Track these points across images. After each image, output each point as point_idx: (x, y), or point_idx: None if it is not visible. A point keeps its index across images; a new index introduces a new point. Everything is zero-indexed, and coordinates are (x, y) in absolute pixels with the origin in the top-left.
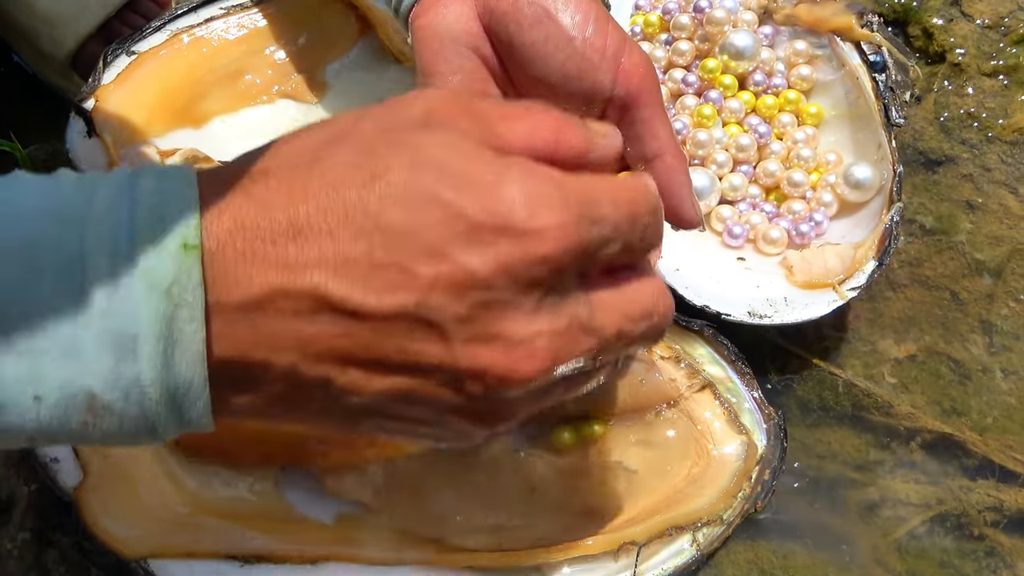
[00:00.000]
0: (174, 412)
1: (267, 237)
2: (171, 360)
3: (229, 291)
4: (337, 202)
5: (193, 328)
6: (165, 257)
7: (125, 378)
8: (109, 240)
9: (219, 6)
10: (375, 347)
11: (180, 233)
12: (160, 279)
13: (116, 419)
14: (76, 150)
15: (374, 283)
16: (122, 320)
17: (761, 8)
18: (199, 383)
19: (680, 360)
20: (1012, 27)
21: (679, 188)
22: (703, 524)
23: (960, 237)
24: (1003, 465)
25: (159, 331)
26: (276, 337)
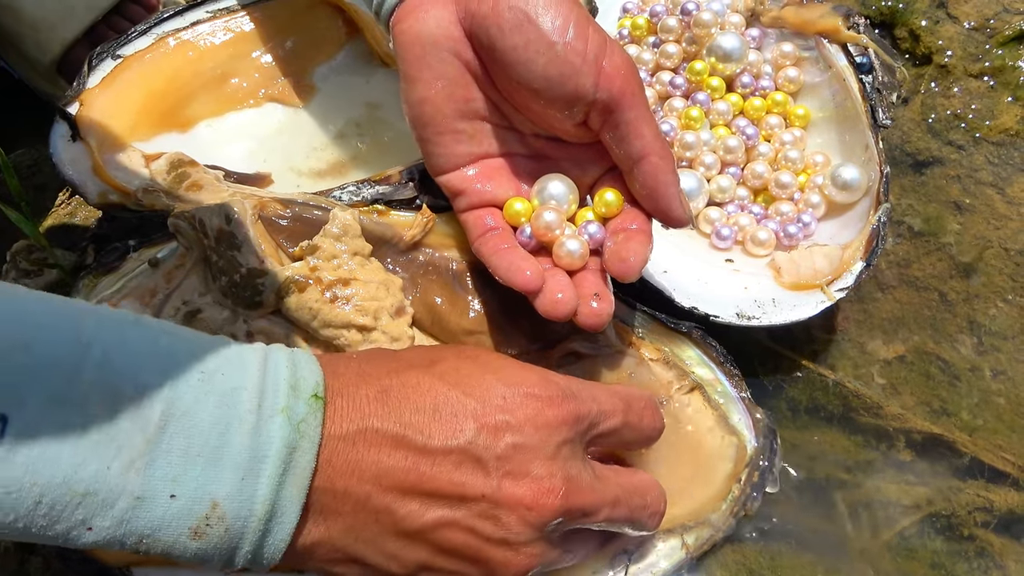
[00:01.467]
0: (263, 535)
1: (364, 397)
2: (284, 483)
3: (336, 427)
4: (410, 376)
5: (308, 458)
6: (301, 402)
7: (245, 492)
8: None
9: (205, 10)
10: (432, 480)
11: (312, 386)
12: (295, 416)
13: (221, 532)
14: (60, 154)
15: (438, 430)
16: (260, 442)
17: (748, 11)
18: (295, 508)
19: (669, 362)
20: (998, 28)
21: (666, 188)
22: (693, 527)
23: (948, 238)
24: (992, 465)
25: (284, 456)
26: (361, 467)
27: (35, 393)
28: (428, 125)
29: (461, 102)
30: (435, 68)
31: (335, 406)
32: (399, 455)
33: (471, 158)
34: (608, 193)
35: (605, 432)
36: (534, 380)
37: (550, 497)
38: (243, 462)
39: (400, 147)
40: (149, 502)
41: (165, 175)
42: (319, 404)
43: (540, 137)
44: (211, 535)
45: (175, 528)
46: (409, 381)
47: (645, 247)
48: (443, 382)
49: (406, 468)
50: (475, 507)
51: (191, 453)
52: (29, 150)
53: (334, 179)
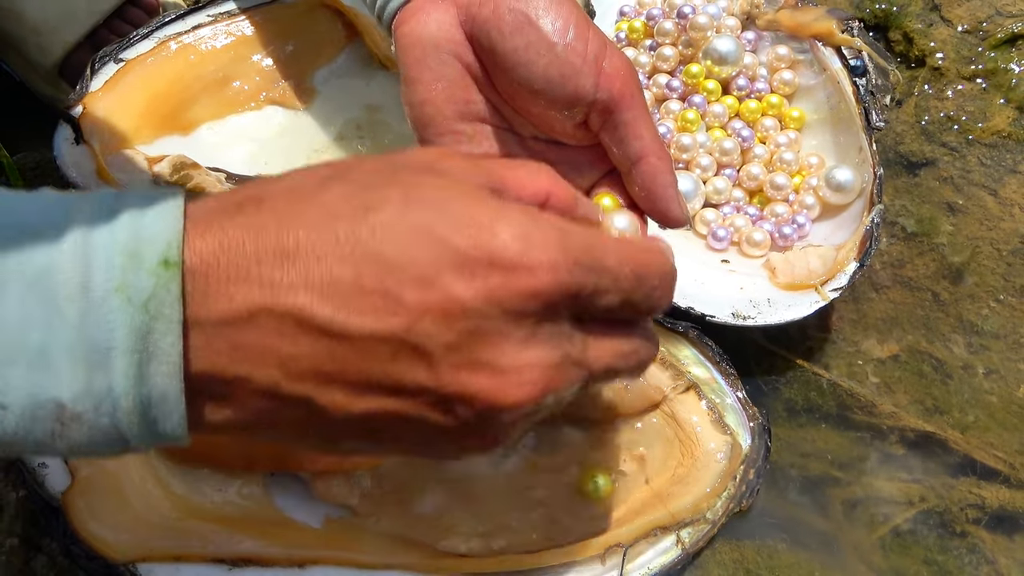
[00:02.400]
0: (147, 424)
1: (253, 258)
2: (145, 372)
3: (209, 307)
4: (328, 230)
5: (169, 341)
6: (143, 273)
7: (96, 389)
8: (83, 255)
9: (206, 13)
10: (359, 369)
11: (160, 251)
12: (137, 294)
13: (85, 430)
14: (64, 157)
15: (360, 306)
16: (95, 332)
17: (744, 14)
18: (174, 396)
19: (665, 362)
20: (990, 31)
21: (664, 188)
22: (688, 523)
23: (941, 239)
24: (984, 463)
25: (133, 344)
26: (257, 354)
27: None
28: (429, 126)
29: (461, 104)
30: (436, 70)
31: (205, 279)
32: (308, 340)
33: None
34: (605, 198)
35: (598, 307)
36: (509, 235)
37: (520, 390)
38: (80, 358)
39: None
40: None
41: (168, 177)
42: (172, 272)
43: (539, 140)
44: (73, 434)
45: (26, 435)
46: (325, 236)
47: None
48: (376, 238)
49: (319, 354)
50: (418, 399)
51: (3, 359)
52: (32, 152)
53: None
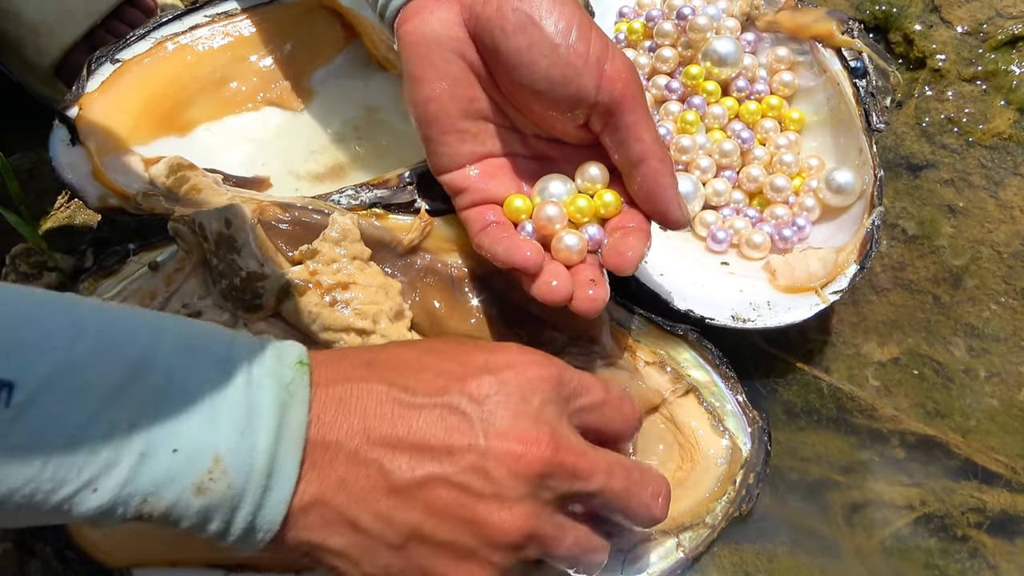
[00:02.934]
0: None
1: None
2: (281, 436)
3: (324, 389)
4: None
5: (300, 415)
6: (287, 367)
7: (245, 445)
8: (248, 355)
9: (204, 14)
10: (419, 432)
11: (296, 356)
12: (282, 379)
13: (223, 487)
14: (59, 158)
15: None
16: (253, 401)
17: (743, 15)
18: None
19: (664, 365)
20: (991, 33)
21: (664, 190)
22: (688, 528)
23: (942, 241)
24: (985, 466)
25: (277, 411)
26: (349, 423)
27: (38, 362)
28: (432, 124)
29: (465, 102)
30: (439, 68)
31: (320, 372)
32: (385, 410)
33: (474, 157)
34: (607, 194)
35: (587, 406)
36: (514, 347)
37: (537, 447)
38: (239, 418)
39: (398, 150)
40: (152, 458)
41: (164, 179)
42: (304, 369)
43: (541, 138)
44: (214, 490)
45: (178, 484)
46: (392, 352)
47: (643, 243)
48: (426, 353)
49: (393, 421)
50: (463, 460)
51: (190, 411)
52: (28, 153)
53: (333, 182)
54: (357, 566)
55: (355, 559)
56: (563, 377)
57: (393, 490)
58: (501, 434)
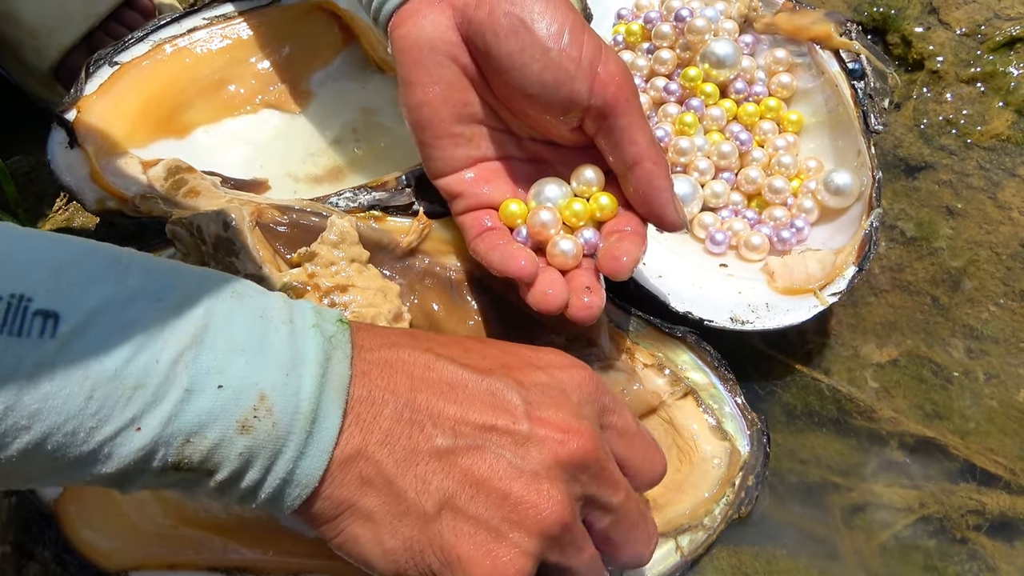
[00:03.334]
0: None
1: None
2: (325, 384)
3: (368, 347)
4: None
5: (344, 367)
6: (328, 323)
7: (290, 387)
8: (288, 310)
9: (202, 16)
10: (468, 401)
11: (336, 315)
12: (326, 331)
13: (268, 426)
14: (57, 161)
15: (471, 362)
16: (297, 348)
17: (742, 17)
18: (337, 410)
19: (663, 367)
20: (988, 35)
21: (659, 193)
22: (686, 530)
23: (940, 243)
24: (984, 468)
25: (321, 362)
26: (395, 382)
27: (84, 295)
28: (426, 129)
29: (459, 106)
30: (433, 72)
31: (362, 335)
32: (432, 376)
33: (469, 162)
34: (603, 197)
35: (618, 427)
36: (556, 351)
37: (579, 438)
38: (285, 360)
39: (396, 152)
40: (197, 394)
41: (163, 181)
42: (345, 327)
43: (536, 141)
44: (259, 428)
45: (223, 421)
46: (433, 337)
47: (638, 247)
48: (469, 340)
49: (440, 389)
50: (507, 439)
51: (235, 348)
52: (26, 156)
53: (331, 184)
54: (379, 536)
55: (382, 525)
56: (601, 387)
57: (435, 454)
58: (545, 421)
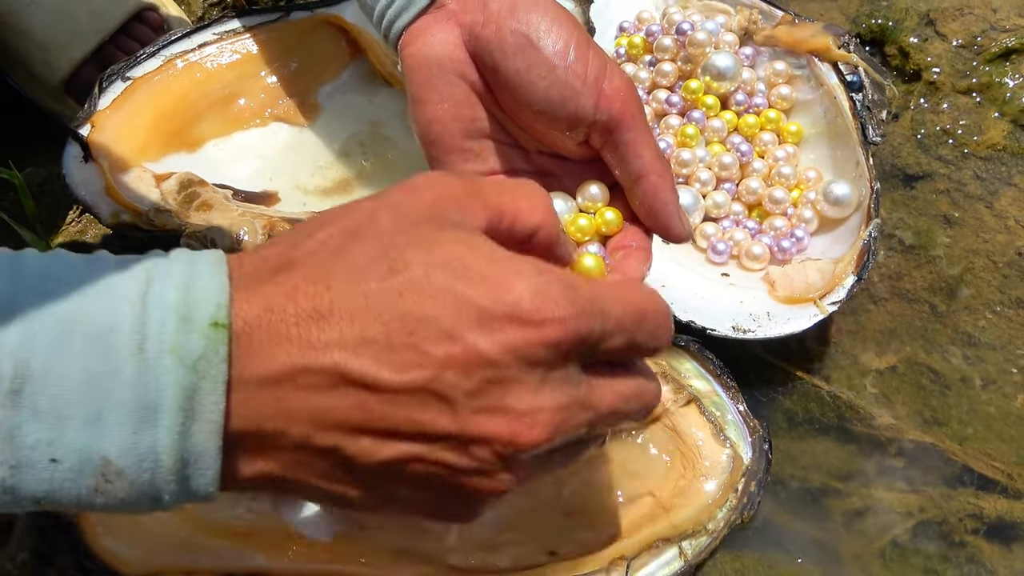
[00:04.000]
0: (182, 481)
1: (291, 320)
2: (188, 431)
3: (253, 367)
4: (359, 292)
5: (213, 400)
6: (195, 335)
7: (142, 446)
8: (140, 316)
9: (212, 31)
10: (387, 417)
11: (210, 314)
12: (188, 354)
13: (125, 486)
14: (73, 175)
15: (390, 361)
16: (147, 391)
17: (742, 30)
18: (212, 454)
19: (666, 375)
20: (984, 46)
21: (664, 205)
22: (690, 535)
23: (938, 251)
24: (982, 473)
25: (181, 403)
26: (292, 409)
27: None
28: (436, 144)
29: (467, 121)
30: (442, 89)
31: (249, 340)
32: (340, 394)
33: (478, 175)
34: (608, 212)
35: (604, 351)
36: (524, 293)
37: (533, 431)
38: (130, 415)
39: (403, 165)
40: (29, 469)
41: (175, 195)
42: (220, 334)
43: (543, 154)
44: (114, 490)
45: (71, 489)
46: (356, 298)
47: (643, 264)
48: (403, 298)
49: (349, 406)
50: (440, 443)
51: (63, 414)
52: (38, 169)
53: (340, 196)
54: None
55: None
56: (580, 333)
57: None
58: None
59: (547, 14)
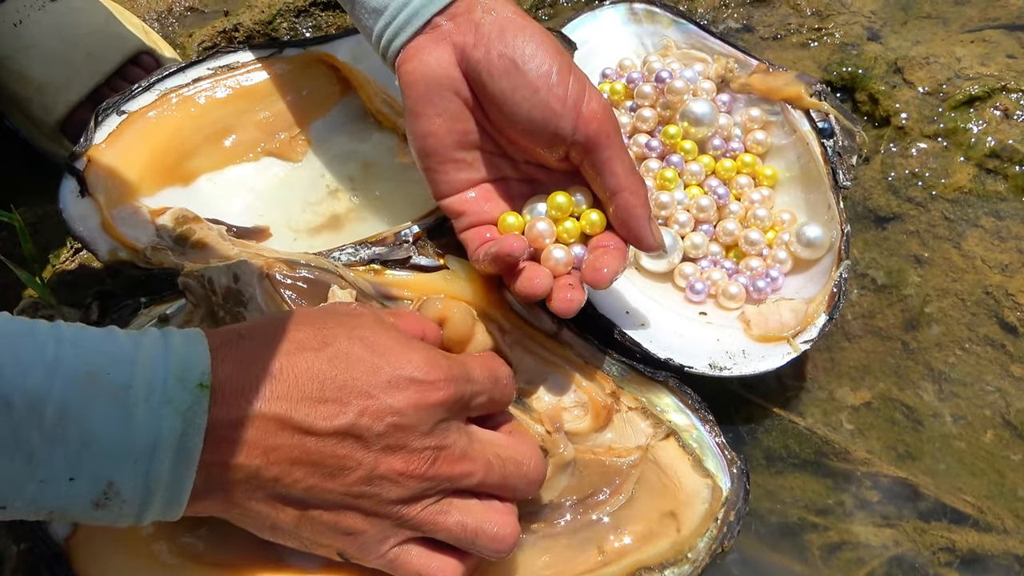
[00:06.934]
0: (161, 504)
1: (252, 380)
2: (176, 467)
3: (224, 414)
4: (300, 360)
5: (196, 442)
6: (187, 392)
7: (140, 475)
8: (150, 379)
9: (207, 66)
10: (318, 453)
11: (198, 377)
12: (181, 405)
13: (118, 504)
14: (69, 210)
15: (323, 412)
16: (149, 434)
17: (719, 77)
18: (188, 482)
19: (646, 410)
20: (950, 93)
21: (637, 220)
22: (671, 564)
23: (909, 290)
24: (954, 507)
25: (174, 443)
26: (249, 446)
27: None
28: (431, 156)
29: (461, 134)
30: (437, 105)
31: (223, 394)
32: (286, 435)
33: (470, 183)
34: (593, 214)
35: (475, 406)
36: (419, 363)
37: (421, 465)
38: (135, 451)
39: (392, 201)
40: (52, 484)
41: (171, 231)
42: (204, 393)
43: (530, 164)
44: (111, 507)
45: (78, 502)
46: (299, 364)
47: (619, 262)
48: (332, 366)
49: (292, 445)
50: (354, 475)
51: (87, 444)
52: (33, 208)
53: (330, 232)
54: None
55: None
56: (458, 395)
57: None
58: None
59: (532, 39)
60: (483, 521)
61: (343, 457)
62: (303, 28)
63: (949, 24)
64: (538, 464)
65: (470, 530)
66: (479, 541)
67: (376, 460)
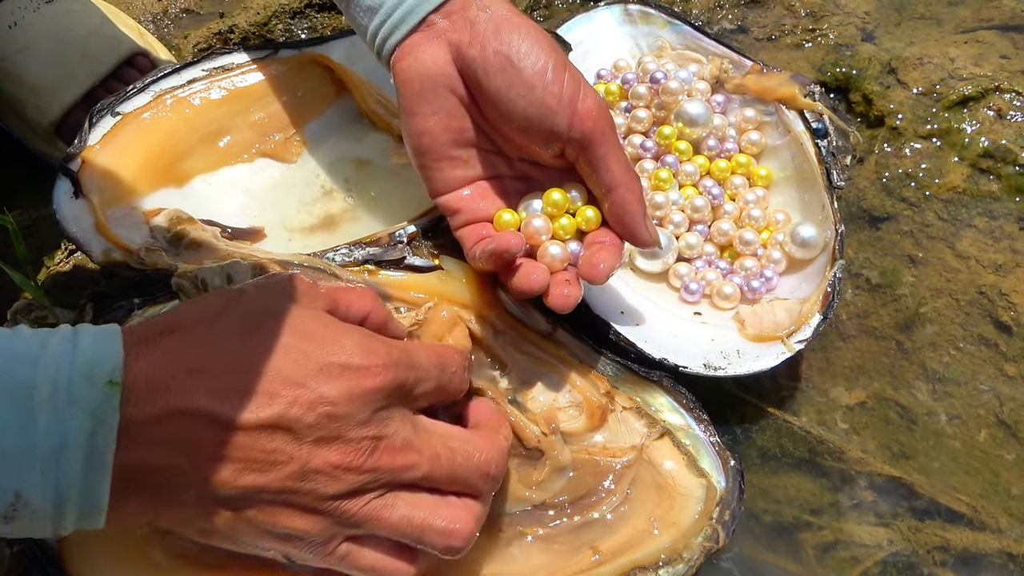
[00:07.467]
0: (78, 510)
1: (170, 375)
2: (87, 467)
3: (140, 411)
4: (225, 351)
5: (108, 442)
6: (95, 390)
7: (48, 481)
8: (54, 377)
9: (201, 68)
10: (246, 448)
11: (107, 374)
12: (89, 404)
13: (29, 514)
14: (63, 211)
15: (249, 404)
16: (55, 436)
17: (713, 78)
18: (104, 486)
19: (641, 410)
20: (944, 94)
21: (631, 216)
22: (666, 563)
23: (903, 290)
24: (949, 506)
25: (82, 443)
26: (170, 445)
27: None
28: (427, 153)
29: (456, 132)
30: (432, 102)
31: (137, 391)
32: (210, 431)
33: (466, 181)
34: (588, 210)
35: (420, 394)
36: (352, 349)
37: (358, 457)
38: (41, 456)
39: (386, 202)
40: None
41: (165, 232)
42: (115, 390)
43: (525, 161)
44: (20, 519)
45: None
46: (224, 357)
47: (615, 257)
48: (259, 357)
49: (217, 442)
50: (286, 469)
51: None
52: (27, 210)
53: (324, 233)
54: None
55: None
56: (398, 381)
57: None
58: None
59: (528, 36)
60: (431, 516)
61: (272, 451)
62: (298, 30)
63: (943, 25)
64: (493, 457)
65: (416, 525)
66: (426, 536)
67: (309, 453)
